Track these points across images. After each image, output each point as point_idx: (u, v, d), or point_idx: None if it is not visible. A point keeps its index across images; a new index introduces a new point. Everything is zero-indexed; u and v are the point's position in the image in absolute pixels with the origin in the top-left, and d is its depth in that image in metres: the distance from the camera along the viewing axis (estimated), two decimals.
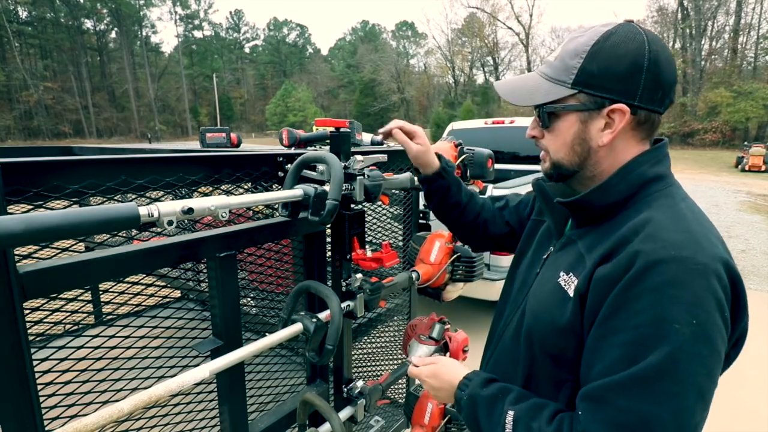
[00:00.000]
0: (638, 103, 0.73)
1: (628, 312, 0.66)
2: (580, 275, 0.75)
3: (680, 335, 0.62)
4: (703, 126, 35.03)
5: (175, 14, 68.26)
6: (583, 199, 0.78)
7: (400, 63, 62.05)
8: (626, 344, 0.65)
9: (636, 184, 0.76)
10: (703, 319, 0.63)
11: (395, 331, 2.05)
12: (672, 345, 0.62)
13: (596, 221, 0.80)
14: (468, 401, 0.86)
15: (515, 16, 49.22)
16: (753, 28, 39.07)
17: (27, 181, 0.74)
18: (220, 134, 4.12)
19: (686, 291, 0.64)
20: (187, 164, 0.99)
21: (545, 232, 0.97)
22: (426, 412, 1.38)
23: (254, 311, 1.52)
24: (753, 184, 15.64)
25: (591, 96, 0.75)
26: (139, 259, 0.82)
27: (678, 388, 0.62)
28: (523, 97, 0.82)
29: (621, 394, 0.64)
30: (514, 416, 0.77)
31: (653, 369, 0.63)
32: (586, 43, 0.74)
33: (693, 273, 0.64)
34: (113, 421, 0.70)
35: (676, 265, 0.65)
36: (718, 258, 0.67)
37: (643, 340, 0.64)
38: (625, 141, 0.77)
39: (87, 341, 0.88)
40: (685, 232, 0.69)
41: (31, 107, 50.44)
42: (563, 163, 0.82)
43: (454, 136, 5.44)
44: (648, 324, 0.64)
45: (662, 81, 0.74)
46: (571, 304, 0.75)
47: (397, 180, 1.30)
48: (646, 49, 0.72)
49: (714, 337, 0.64)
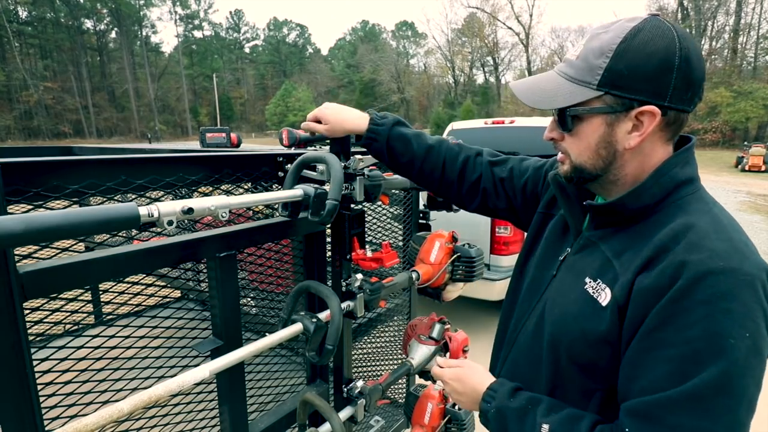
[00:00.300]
0: (668, 103, 0.69)
1: (677, 325, 0.64)
2: (615, 284, 0.72)
3: (735, 350, 0.61)
4: (703, 126, 35.03)
5: (175, 14, 68.33)
6: (618, 203, 0.75)
7: (400, 63, 62.13)
8: (676, 359, 0.64)
9: (668, 188, 0.73)
10: (754, 331, 0.62)
11: (395, 331, 2.05)
12: (728, 361, 0.61)
13: (621, 224, 0.77)
14: (496, 414, 0.83)
15: (515, 16, 49.31)
16: (753, 28, 39.14)
17: (27, 181, 0.74)
18: (220, 134, 4.13)
19: (737, 303, 0.62)
20: (187, 164, 0.99)
21: (556, 230, 0.92)
22: (426, 412, 1.38)
23: (254, 311, 1.52)
24: (753, 184, 15.65)
25: (618, 97, 0.70)
26: (139, 259, 0.82)
27: (732, 403, 0.61)
28: (543, 100, 0.77)
29: (673, 411, 0.63)
30: (549, 429, 0.74)
31: (707, 386, 0.61)
32: (612, 40, 0.69)
33: (742, 284, 0.63)
34: (113, 421, 0.70)
35: (726, 277, 0.63)
36: (762, 267, 0.65)
37: (695, 355, 0.62)
38: (652, 143, 0.73)
39: (87, 341, 0.88)
40: (728, 241, 0.66)
41: (31, 107, 50.47)
42: (586, 167, 0.77)
43: (454, 136, 5.44)
44: (700, 338, 0.62)
45: (693, 79, 0.69)
46: (608, 314, 0.71)
47: (397, 180, 1.30)
48: (677, 47, 0.67)
49: (763, 347, 0.63)
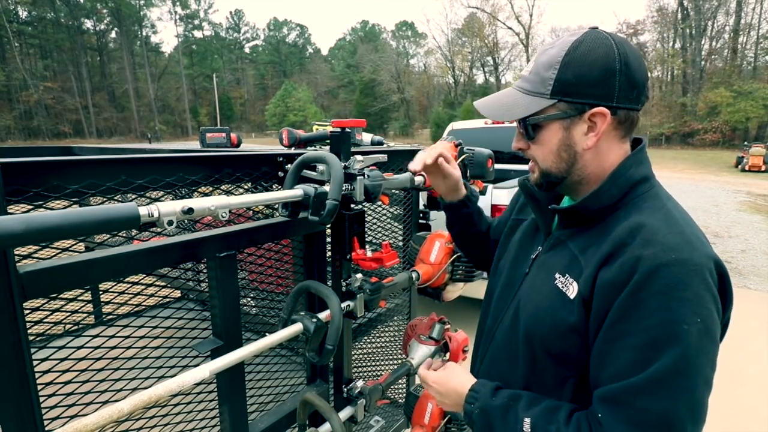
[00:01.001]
0: (616, 103, 0.76)
1: (636, 316, 0.69)
2: (580, 278, 0.78)
3: (689, 335, 0.67)
4: (703, 126, 35.04)
5: (175, 14, 68.31)
6: (579, 206, 0.81)
7: (400, 63, 62.06)
8: (638, 347, 0.69)
9: (625, 188, 0.79)
10: (705, 316, 0.68)
11: (395, 331, 2.05)
12: (683, 345, 0.67)
13: (585, 223, 0.83)
14: (480, 414, 0.86)
15: (515, 16, 49.31)
16: (753, 28, 39.11)
17: (27, 181, 0.74)
18: (220, 134, 4.13)
19: (689, 292, 0.68)
20: (187, 164, 0.99)
21: (528, 231, 0.99)
22: (426, 412, 1.38)
23: (254, 311, 1.52)
24: (753, 184, 15.65)
25: (570, 103, 0.78)
26: (139, 259, 0.82)
27: (690, 383, 0.67)
28: (504, 113, 0.85)
29: (638, 396, 0.68)
30: (531, 423, 0.78)
31: (667, 370, 0.67)
32: (558, 54, 0.77)
33: (692, 274, 0.69)
34: (113, 421, 0.70)
35: (677, 268, 0.69)
36: (710, 257, 0.72)
37: (654, 342, 0.68)
38: (608, 142, 0.80)
39: (87, 341, 0.88)
40: (679, 234, 0.72)
41: (31, 107, 50.45)
42: (552, 171, 0.84)
43: (454, 136, 5.43)
44: (657, 326, 0.68)
45: (636, 80, 0.76)
46: (575, 306, 0.77)
47: (397, 180, 1.29)
48: (615, 53, 0.75)
49: (714, 330, 0.70)
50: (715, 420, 2.83)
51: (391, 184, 1.26)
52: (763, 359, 3.53)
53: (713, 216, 9.75)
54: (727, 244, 7.34)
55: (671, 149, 34.35)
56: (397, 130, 56.54)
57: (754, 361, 3.51)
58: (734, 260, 6.41)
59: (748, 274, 5.75)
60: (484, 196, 3.51)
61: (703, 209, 10.59)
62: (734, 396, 3.01)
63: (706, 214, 9.99)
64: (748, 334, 3.96)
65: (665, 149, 34.52)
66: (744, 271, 5.87)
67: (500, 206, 3.51)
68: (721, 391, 3.10)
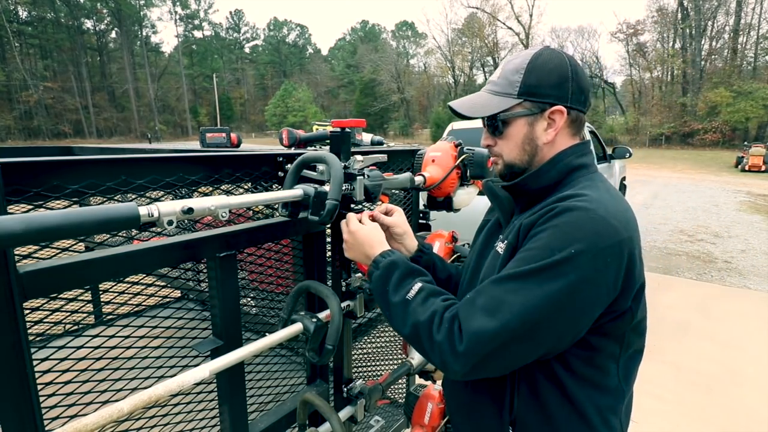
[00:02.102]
0: (570, 104, 0.90)
1: (528, 242, 0.81)
2: (510, 233, 0.88)
3: (556, 255, 0.75)
4: (703, 126, 35.00)
5: (175, 14, 68.30)
6: (521, 183, 0.93)
7: (400, 63, 62.00)
8: (515, 261, 0.80)
9: (563, 171, 0.91)
10: (578, 253, 0.74)
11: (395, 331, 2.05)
12: (547, 260, 0.75)
13: (533, 204, 0.92)
14: (389, 264, 0.95)
15: (515, 16, 49.21)
16: (753, 28, 39.05)
17: (27, 181, 0.74)
18: (220, 134, 4.13)
19: (580, 233, 0.75)
20: (187, 164, 0.99)
21: (493, 226, 1.08)
22: (426, 412, 1.38)
23: (254, 311, 1.52)
24: (753, 184, 15.65)
25: (534, 102, 0.90)
26: (139, 259, 0.82)
27: (535, 291, 0.74)
28: (478, 110, 0.95)
29: (492, 286, 0.79)
30: (419, 288, 0.89)
31: (522, 272, 0.77)
32: (522, 63, 0.91)
33: (597, 225, 0.76)
34: (113, 421, 0.70)
35: (583, 213, 0.77)
36: (622, 238, 0.77)
37: (528, 258, 0.78)
38: (563, 137, 0.93)
39: (87, 341, 0.88)
40: (601, 202, 0.80)
41: (31, 107, 50.45)
42: (515, 162, 0.95)
43: (454, 136, 5.42)
44: (538, 248, 0.78)
45: (583, 87, 0.91)
46: (503, 258, 0.87)
47: (397, 180, 1.30)
48: (567, 63, 0.90)
49: (588, 274, 0.74)
50: (715, 420, 2.84)
51: (391, 184, 1.26)
52: (763, 359, 3.53)
53: (713, 216, 9.75)
54: (727, 244, 7.33)
55: (671, 149, 34.33)
56: (397, 130, 56.52)
57: (754, 361, 3.51)
58: (734, 260, 6.41)
59: (748, 274, 5.75)
60: (484, 196, 3.49)
61: (703, 209, 10.59)
62: (734, 396, 3.01)
63: (706, 214, 10.00)
64: (748, 334, 3.96)
65: (665, 149, 34.49)
66: (744, 271, 5.87)
67: None
68: (720, 391, 3.11)
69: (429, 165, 1.47)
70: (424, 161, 1.49)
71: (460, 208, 1.55)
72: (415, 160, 1.54)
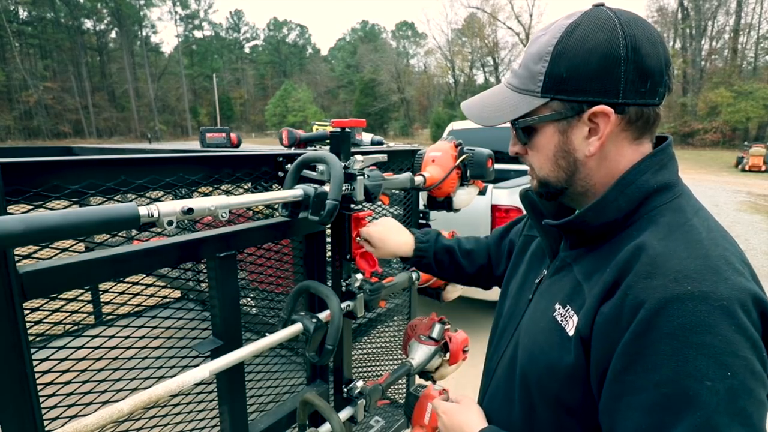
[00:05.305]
0: (623, 99, 0.62)
1: (644, 365, 0.55)
2: (581, 311, 0.64)
3: (714, 394, 0.50)
4: (703, 126, 35.03)
5: (175, 14, 68.34)
6: (577, 221, 0.67)
7: (400, 63, 62.04)
8: (650, 409, 0.54)
9: (637, 198, 0.64)
10: (738, 369, 0.51)
11: (395, 331, 2.05)
12: (706, 408, 0.50)
13: (593, 242, 0.69)
14: None
15: (515, 16, 49.26)
16: (753, 28, 39.11)
17: (27, 181, 0.74)
18: (220, 134, 4.12)
19: (711, 336, 0.52)
20: (187, 164, 0.99)
21: (538, 250, 0.87)
22: (426, 412, 1.37)
23: (254, 311, 1.52)
24: (753, 184, 15.64)
25: (566, 102, 0.65)
26: (139, 259, 0.82)
27: None
28: (490, 116, 0.73)
29: None
30: None
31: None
32: (549, 42, 0.64)
33: (717, 311, 0.52)
34: (113, 421, 0.69)
35: (695, 303, 0.53)
36: (745, 289, 0.55)
37: (668, 402, 0.53)
38: (617, 146, 0.66)
39: (87, 341, 0.88)
40: (702, 258, 0.56)
41: (31, 107, 50.44)
42: (549, 180, 0.72)
43: (454, 136, 5.43)
44: (671, 382, 0.53)
45: (648, 68, 0.61)
46: (573, 346, 0.64)
47: (397, 180, 1.29)
48: (620, 36, 0.60)
49: (755, 388, 0.52)
50: None
51: (391, 184, 1.26)
52: None
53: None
54: None
55: None
56: (397, 130, 56.51)
57: None
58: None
59: None
60: (484, 196, 3.50)
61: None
62: None
63: None
64: None
65: None
66: None
67: (500, 206, 3.50)
68: None
69: (429, 165, 1.46)
70: (424, 161, 1.49)
71: (460, 208, 1.54)
72: (415, 160, 1.53)
